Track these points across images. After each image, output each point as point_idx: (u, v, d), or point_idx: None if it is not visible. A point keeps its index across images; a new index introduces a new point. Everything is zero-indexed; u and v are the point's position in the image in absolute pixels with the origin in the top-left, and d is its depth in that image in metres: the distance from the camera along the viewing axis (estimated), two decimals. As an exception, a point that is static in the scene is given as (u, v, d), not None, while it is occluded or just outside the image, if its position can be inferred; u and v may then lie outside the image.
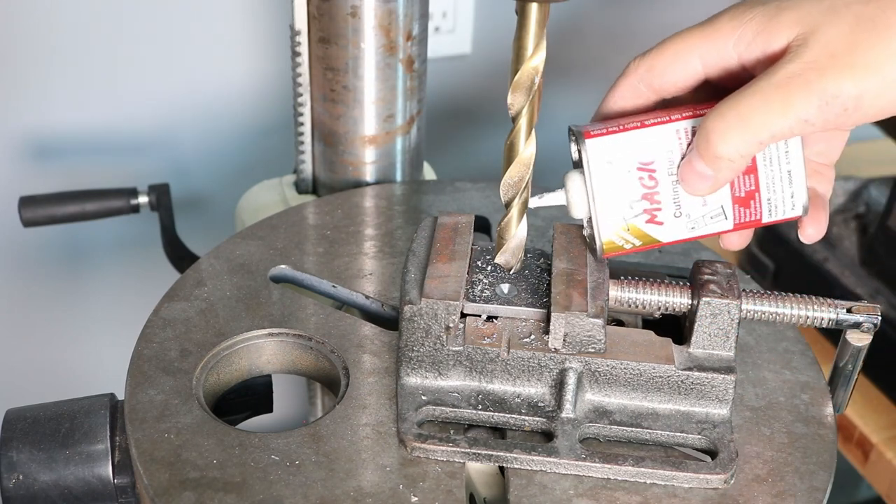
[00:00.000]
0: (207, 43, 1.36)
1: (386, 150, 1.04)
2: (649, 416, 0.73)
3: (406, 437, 0.70)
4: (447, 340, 0.73)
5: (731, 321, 0.71)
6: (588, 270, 0.74)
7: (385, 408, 0.74)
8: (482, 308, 0.74)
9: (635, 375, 0.72)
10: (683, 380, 0.72)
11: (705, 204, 0.70)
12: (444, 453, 0.70)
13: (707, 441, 0.71)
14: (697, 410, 0.73)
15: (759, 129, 0.62)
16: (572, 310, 0.70)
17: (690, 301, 0.73)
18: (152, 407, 0.73)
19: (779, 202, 0.70)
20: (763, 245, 1.50)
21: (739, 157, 0.64)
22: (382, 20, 0.96)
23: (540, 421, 0.72)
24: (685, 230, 0.71)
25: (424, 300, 0.72)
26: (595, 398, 0.73)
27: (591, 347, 0.71)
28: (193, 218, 1.44)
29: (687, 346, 0.73)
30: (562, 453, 0.69)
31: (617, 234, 0.71)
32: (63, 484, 0.73)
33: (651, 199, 0.70)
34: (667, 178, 0.69)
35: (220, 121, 1.42)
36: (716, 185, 0.67)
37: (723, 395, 0.72)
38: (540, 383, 0.73)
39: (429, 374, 0.74)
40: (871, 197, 1.44)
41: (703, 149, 0.65)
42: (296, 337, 0.80)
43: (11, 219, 1.24)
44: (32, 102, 1.33)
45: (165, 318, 0.81)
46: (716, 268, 0.73)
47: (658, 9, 1.59)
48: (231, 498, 0.66)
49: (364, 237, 0.93)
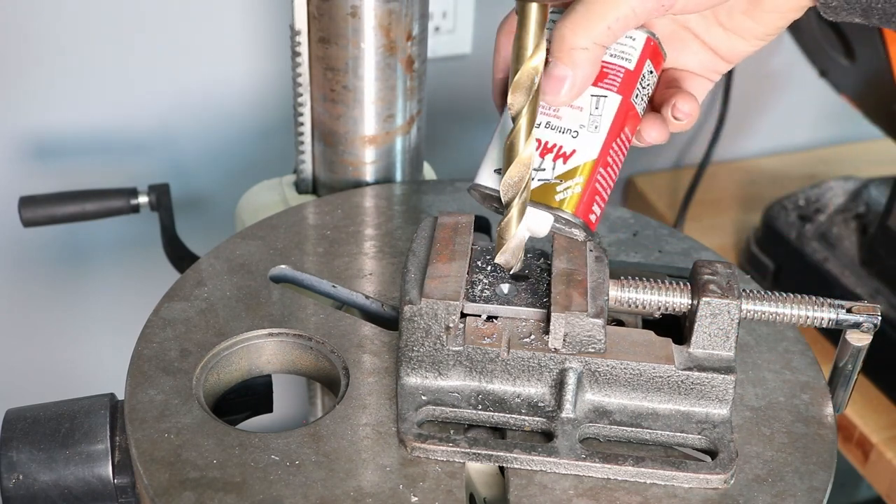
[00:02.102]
0: (207, 43, 1.36)
1: (386, 150, 1.04)
2: (649, 416, 0.73)
3: (406, 437, 0.70)
4: (447, 340, 0.73)
5: (731, 321, 0.71)
6: (588, 270, 0.74)
7: (385, 408, 0.74)
8: (482, 308, 0.74)
9: (635, 375, 0.72)
10: (683, 380, 0.72)
11: (581, 109, 0.72)
12: (444, 453, 0.70)
13: (707, 441, 0.71)
14: (697, 410, 0.73)
15: (603, 16, 0.66)
16: (572, 310, 0.71)
17: (690, 301, 0.73)
18: (152, 407, 0.73)
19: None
20: (763, 245, 1.50)
21: (593, 45, 0.67)
22: (382, 20, 0.96)
23: (540, 421, 0.72)
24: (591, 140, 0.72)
25: (424, 300, 0.72)
26: (595, 398, 0.73)
27: (591, 347, 0.71)
28: (193, 218, 1.44)
29: (687, 346, 0.73)
30: (562, 453, 0.69)
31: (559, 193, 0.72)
32: (63, 484, 0.73)
33: (545, 151, 0.71)
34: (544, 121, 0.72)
35: (220, 121, 1.42)
36: (576, 82, 0.68)
37: (723, 395, 0.72)
38: (540, 383, 0.73)
39: (429, 374, 0.74)
40: (871, 197, 1.44)
41: (559, 48, 0.67)
42: (296, 337, 0.80)
43: (11, 219, 1.24)
44: (33, 102, 1.33)
45: (165, 318, 0.81)
46: (716, 268, 0.73)
47: None
48: (231, 498, 0.66)
49: (364, 237, 0.93)
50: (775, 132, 1.83)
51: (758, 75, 1.74)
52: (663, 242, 0.93)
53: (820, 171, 1.73)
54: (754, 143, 1.83)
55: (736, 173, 1.78)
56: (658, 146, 0.80)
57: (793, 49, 1.54)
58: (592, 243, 0.77)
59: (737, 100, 1.70)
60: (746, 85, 1.72)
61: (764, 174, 1.78)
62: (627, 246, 0.93)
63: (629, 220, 0.97)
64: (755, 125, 1.81)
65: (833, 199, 1.48)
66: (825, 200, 1.48)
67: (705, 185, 1.67)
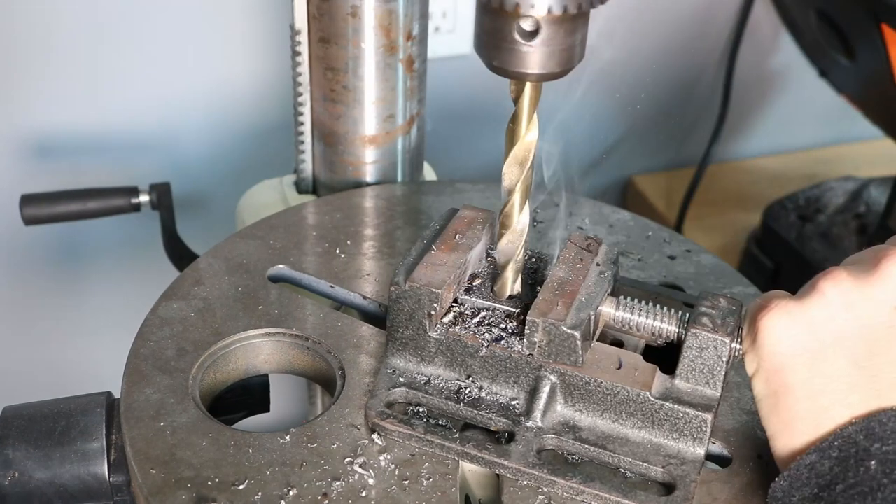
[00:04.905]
0: (208, 43, 1.37)
1: (386, 150, 1.04)
2: (618, 440, 0.71)
3: (370, 412, 0.71)
4: (429, 327, 0.73)
5: (717, 357, 0.69)
6: (585, 283, 0.73)
7: (380, 408, 0.74)
8: (470, 301, 0.75)
9: (608, 395, 0.71)
10: (657, 409, 0.70)
11: None
12: (399, 434, 0.71)
13: (668, 476, 0.70)
14: (670, 444, 0.71)
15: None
16: (549, 317, 0.70)
17: (679, 330, 0.72)
18: (148, 406, 0.73)
19: None
20: (763, 245, 1.50)
21: None
22: (382, 20, 0.96)
23: (505, 423, 0.72)
24: None
25: (409, 284, 0.72)
26: (568, 412, 0.72)
27: (567, 359, 0.71)
28: (194, 217, 1.44)
29: (672, 376, 0.71)
30: (513, 457, 0.69)
31: None
32: (59, 482, 0.73)
33: None
34: None
35: (220, 120, 1.42)
36: None
37: (697, 432, 0.70)
38: (517, 386, 0.73)
39: (412, 357, 0.75)
40: (871, 197, 1.44)
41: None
42: (293, 337, 0.81)
43: (13, 216, 1.24)
44: (34, 101, 1.33)
45: (163, 317, 0.81)
46: (718, 301, 0.71)
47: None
48: (225, 497, 0.66)
49: (363, 238, 0.93)
50: (775, 132, 1.83)
51: (758, 75, 1.74)
52: (663, 245, 0.94)
53: (820, 171, 1.73)
54: (754, 143, 1.83)
55: (736, 173, 1.78)
56: (658, 146, 0.80)
57: (793, 49, 1.54)
58: (603, 258, 0.76)
59: (737, 100, 1.70)
60: (746, 85, 1.72)
61: (764, 174, 1.78)
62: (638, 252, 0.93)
63: (629, 223, 0.97)
64: (755, 125, 1.81)
65: (833, 199, 1.48)
66: (825, 200, 1.49)
67: (705, 185, 1.67)
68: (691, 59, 1.68)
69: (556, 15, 0.61)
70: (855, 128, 1.70)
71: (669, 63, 1.67)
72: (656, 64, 1.64)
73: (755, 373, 0.67)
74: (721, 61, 1.69)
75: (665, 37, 1.63)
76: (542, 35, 0.63)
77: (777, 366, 0.65)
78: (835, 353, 0.64)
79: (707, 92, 1.71)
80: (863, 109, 1.39)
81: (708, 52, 1.68)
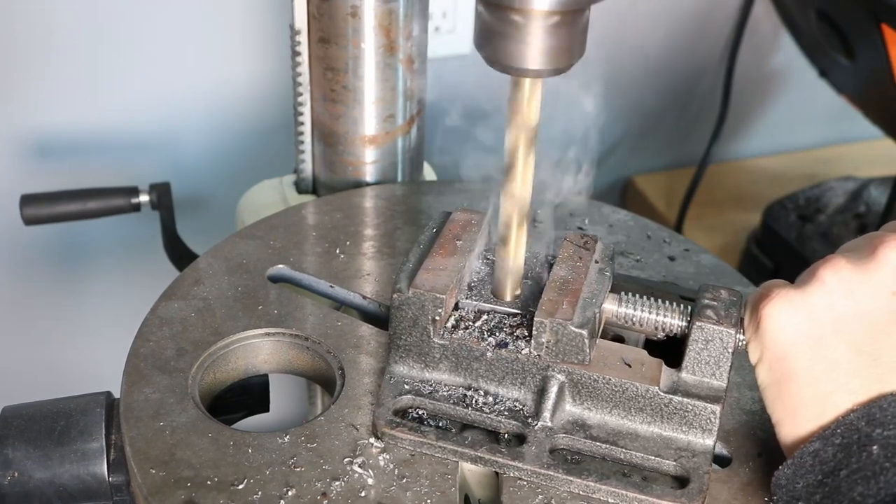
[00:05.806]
0: (208, 43, 1.37)
1: (386, 150, 1.04)
2: (628, 435, 0.72)
3: (378, 422, 0.71)
4: (433, 333, 0.73)
5: (723, 349, 0.70)
6: (587, 281, 0.74)
7: (380, 408, 0.74)
8: (470, 304, 0.74)
9: (617, 391, 0.71)
10: (667, 403, 0.71)
11: None
12: (411, 442, 0.70)
13: (681, 469, 0.70)
14: (680, 437, 0.71)
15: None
16: (556, 317, 0.70)
17: (683, 323, 0.72)
18: (148, 405, 0.73)
19: None
20: (763, 245, 1.50)
21: None
22: (382, 20, 0.96)
23: (515, 425, 0.72)
24: None
25: (412, 290, 0.72)
26: (577, 410, 0.72)
27: (575, 357, 0.71)
28: (194, 217, 1.44)
29: (678, 370, 0.71)
30: (527, 459, 0.69)
31: None
32: (58, 481, 0.73)
33: None
34: None
35: (220, 120, 1.42)
36: None
37: (706, 424, 0.70)
38: (524, 388, 0.73)
39: (416, 364, 0.74)
40: (871, 197, 1.44)
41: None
42: (292, 337, 0.81)
43: (13, 217, 1.24)
44: (34, 101, 1.33)
45: (162, 317, 0.81)
46: (719, 293, 0.72)
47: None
48: (224, 497, 0.66)
49: (363, 238, 0.93)
50: (775, 132, 1.83)
51: (758, 75, 1.74)
52: (663, 246, 0.94)
53: (820, 171, 1.73)
54: (754, 143, 1.83)
55: (736, 173, 1.78)
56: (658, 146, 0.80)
57: (793, 49, 1.54)
58: (601, 255, 0.76)
59: (737, 100, 1.70)
60: (746, 85, 1.72)
61: (764, 174, 1.78)
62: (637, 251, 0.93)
63: (628, 223, 0.97)
64: (755, 125, 1.81)
65: (833, 199, 1.48)
66: (825, 200, 1.48)
67: (705, 185, 1.67)
68: (691, 59, 1.68)
69: (556, 10, 0.61)
70: (855, 128, 1.70)
71: (669, 63, 1.66)
72: (656, 64, 1.64)
73: (758, 361, 0.68)
74: (721, 61, 1.69)
75: (665, 37, 1.63)
76: (541, 30, 0.63)
77: (780, 353, 0.66)
78: (836, 340, 0.65)
79: (707, 92, 1.71)
80: (863, 109, 1.39)
81: (708, 52, 1.68)
